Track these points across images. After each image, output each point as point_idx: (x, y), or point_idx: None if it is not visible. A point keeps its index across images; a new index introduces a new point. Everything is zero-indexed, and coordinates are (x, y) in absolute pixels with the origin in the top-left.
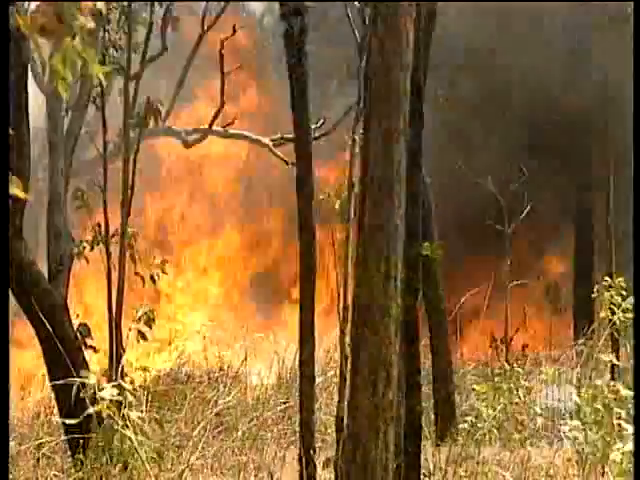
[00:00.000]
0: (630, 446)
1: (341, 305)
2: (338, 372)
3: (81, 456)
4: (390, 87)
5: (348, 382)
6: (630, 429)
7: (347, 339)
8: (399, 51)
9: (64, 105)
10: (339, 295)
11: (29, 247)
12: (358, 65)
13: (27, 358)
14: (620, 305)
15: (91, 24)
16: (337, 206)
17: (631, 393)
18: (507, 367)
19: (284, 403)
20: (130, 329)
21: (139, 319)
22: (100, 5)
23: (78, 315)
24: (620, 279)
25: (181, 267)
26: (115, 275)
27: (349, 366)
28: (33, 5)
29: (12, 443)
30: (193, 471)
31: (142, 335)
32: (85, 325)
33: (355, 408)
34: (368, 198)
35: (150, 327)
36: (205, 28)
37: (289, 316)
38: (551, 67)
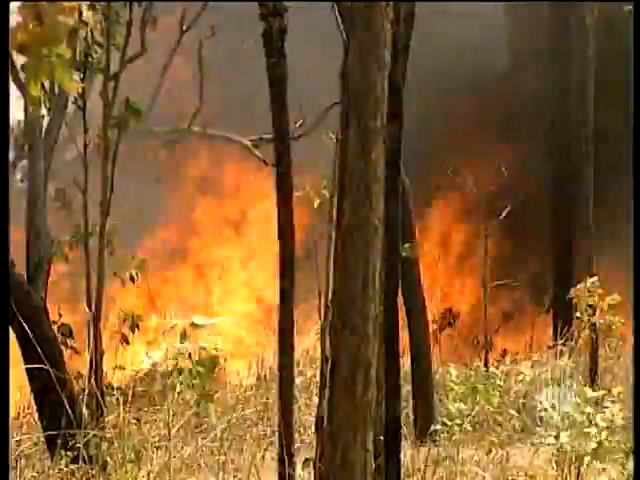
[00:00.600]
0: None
1: (322, 305)
2: (317, 372)
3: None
4: (368, 87)
5: (327, 382)
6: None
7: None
8: (377, 51)
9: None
10: (320, 295)
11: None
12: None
13: None
14: (598, 306)
15: (71, 23)
16: (316, 205)
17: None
18: (484, 368)
19: (264, 404)
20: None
21: (123, 322)
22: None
23: (61, 315)
24: (593, 279)
25: None
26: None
27: (329, 366)
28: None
29: None
30: (172, 471)
31: (125, 339)
32: (66, 326)
33: (334, 408)
34: (346, 198)
35: (133, 331)
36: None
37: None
38: None
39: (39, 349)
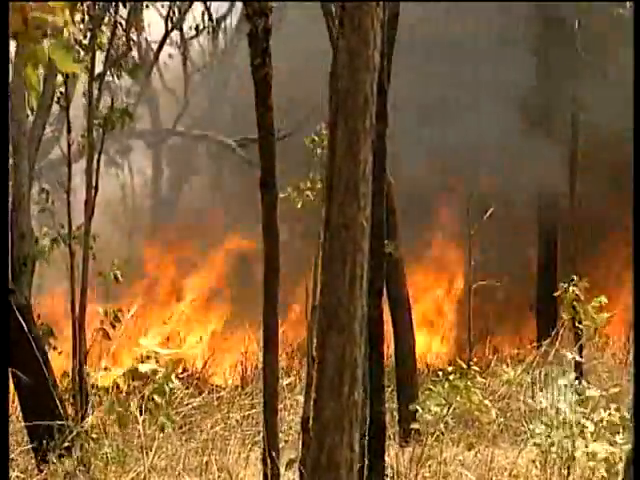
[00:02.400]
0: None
1: (309, 305)
2: (303, 372)
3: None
4: (357, 87)
5: (314, 383)
6: (591, 428)
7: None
8: (366, 52)
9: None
10: (307, 295)
11: None
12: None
13: None
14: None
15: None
16: (299, 205)
17: (595, 393)
18: (466, 367)
19: (251, 406)
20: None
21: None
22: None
23: (39, 316)
24: (584, 280)
25: None
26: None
27: (315, 367)
28: None
29: None
30: (156, 472)
31: (106, 335)
32: (46, 325)
33: (320, 409)
34: (334, 198)
35: (114, 327)
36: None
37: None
38: None
39: (24, 348)
